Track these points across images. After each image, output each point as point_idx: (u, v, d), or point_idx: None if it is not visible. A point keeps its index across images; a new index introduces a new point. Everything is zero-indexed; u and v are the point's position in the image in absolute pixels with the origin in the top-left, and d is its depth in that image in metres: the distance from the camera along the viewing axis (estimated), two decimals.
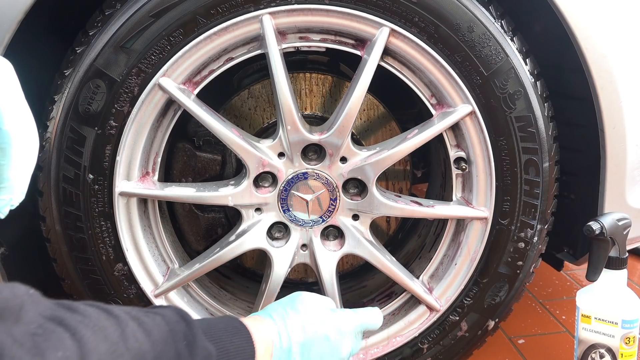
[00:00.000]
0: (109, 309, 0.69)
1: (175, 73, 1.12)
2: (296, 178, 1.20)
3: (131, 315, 0.71)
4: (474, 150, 1.20)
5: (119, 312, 0.70)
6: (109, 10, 1.11)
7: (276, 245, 1.24)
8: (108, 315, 0.67)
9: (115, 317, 0.68)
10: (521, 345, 1.52)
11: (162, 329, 0.74)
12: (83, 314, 0.65)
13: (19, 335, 0.56)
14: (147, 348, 0.69)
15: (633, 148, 1.20)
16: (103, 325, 0.65)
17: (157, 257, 1.24)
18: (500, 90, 1.15)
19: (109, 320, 0.67)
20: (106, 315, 0.67)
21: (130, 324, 0.69)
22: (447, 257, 1.29)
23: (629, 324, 1.19)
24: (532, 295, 1.78)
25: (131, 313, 0.72)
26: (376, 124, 1.45)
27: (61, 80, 1.12)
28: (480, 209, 1.22)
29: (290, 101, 1.14)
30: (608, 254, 1.19)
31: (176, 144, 1.38)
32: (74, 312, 0.64)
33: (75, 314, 0.64)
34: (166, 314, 0.77)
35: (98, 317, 0.66)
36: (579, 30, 1.13)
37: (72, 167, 1.14)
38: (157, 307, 0.80)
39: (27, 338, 0.56)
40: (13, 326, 0.57)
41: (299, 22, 1.12)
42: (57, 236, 1.18)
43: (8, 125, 0.75)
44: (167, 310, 0.79)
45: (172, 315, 0.78)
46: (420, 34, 1.12)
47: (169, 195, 1.20)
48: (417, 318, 1.28)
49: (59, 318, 0.62)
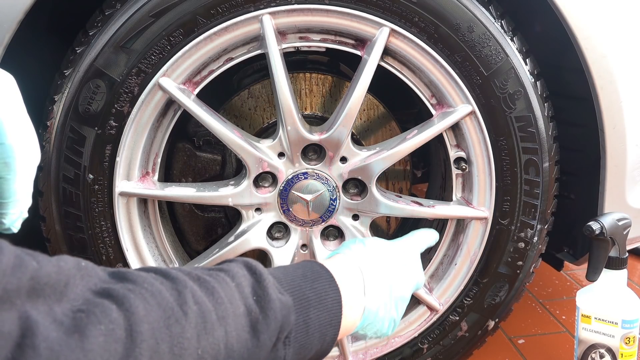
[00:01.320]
0: (167, 272, 0.66)
1: (175, 73, 1.12)
2: (296, 178, 1.20)
3: (192, 275, 0.67)
4: (474, 150, 1.20)
5: (177, 274, 0.66)
6: (109, 10, 1.11)
7: (276, 245, 1.24)
8: (164, 279, 0.64)
9: (173, 280, 0.64)
10: (521, 345, 1.52)
11: (227, 286, 0.69)
12: (135, 281, 0.61)
13: (60, 314, 0.53)
14: (209, 308, 0.65)
15: (633, 148, 1.20)
16: (157, 289, 0.61)
17: (157, 257, 1.24)
18: (500, 90, 1.15)
19: (164, 284, 0.63)
20: (162, 279, 0.64)
21: (190, 285, 0.65)
22: (447, 257, 1.29)
23: (629, 324, 1.19)
24: (532, 295, 1.78)
25: (192, 274, 0.67)
26: (376, 124, 1.45)
27: (61, 80, 1.12)
28: (480, 209, 1.22)
29: (290, 101, 1.14)
30: (608, 254, 1.19)
31: (176, 144, 1.38)
32: (126, 281, 0.61)
33: (126, 282, 0.61)
34: (231, 269, 0.72)
35: (152, 283, 0.62)
36: (579, 30, 1.13)
37: (72, 167, 1.14)
38: (224, 263, 0.75)
39: (67, 316, 0.53)
40: (55, 304, 0.54)
41: (299, 22, 1.12)
42: (57, 236, 1.18)
43: (11, 139, 0.75)
44: (233, 264, 0.74)
45: (239, 270, 0.72)
46: (420, 34, 1.12)
47: (169, 195, 1.20)
48: (417, 318, 1.29)
49: (108, 290, 0.59)
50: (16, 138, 0.76)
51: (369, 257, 0.91)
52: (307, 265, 0.82)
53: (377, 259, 0.92)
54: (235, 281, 0.70)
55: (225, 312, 0.66)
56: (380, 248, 0.95)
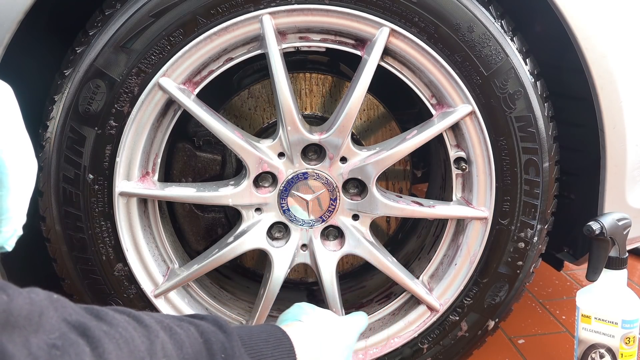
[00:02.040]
0: (140, 317, 0.66)
1: (175, 73, 1.12)
2: (296, 178, 1.20)
3: (163, 325, 0.67)
4: (474, 150, 1.20)
5: (150, 321, 0.66)
6: (109, 10, 1.11)
7: (276, 246, 1.24)
8: (137, 325, 0.64)
9: (145, 327, 0.64)
10: (521, 345, 1.52)
11: (196, 342, 0.70)
12: (110, 322, 0.61)
13: (36, 347, 0.53)
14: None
15: (633, 148, 1.20)
16: (130, 336, 0.61)
17: (157, 257, 1.24)
18: (500, 90, 1.15)
19: (137, 330, 0.63)
20: (135, 324, 0.64)
21: (161, 335, 0.65)
22: (447, 257, 1.29)
23: (629, 324, 1.19)
24: (532, 295, 1.78)
25: (163, 322, 0.68)
26: (376, 124, 1.45)
27: (61, 80, 1.12)
28: (480, 209, 1.22)
29: (290, 101, 1.14)
30: (608, 254, 1.19)
31: (176, 144, 1.38)
32: (101, 321, 0.61)
33: (101, 322, 0.61)
34: (201, 325, 0.73)
35: (126, 327, 0.62)
36: (579, 30, 1.13)
37: (72, 167, 1.14)
38: (194, 317, 0.76)
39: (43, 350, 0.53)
40: (31, 336, 0.53)
41: (299, 22, 1.12)
42: (57, 236, 1.18)
43: (5, 154, 0.71)
44: (203, 320, 0.75)
45: (209, 326, 0.73)
46: (420, 34, 1.12)
47: (169, 195, 1.20)
48: (417, 318, 1.28)
49: (83, 326, 0.58)
50: (10, 153, 0.72)
51: (326, 331, 0.94)
52: (271, 330, 0.84)
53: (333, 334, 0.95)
54: (204, 337, 0.71)
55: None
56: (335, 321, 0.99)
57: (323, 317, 0.99)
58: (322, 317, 0.99)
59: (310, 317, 0.97)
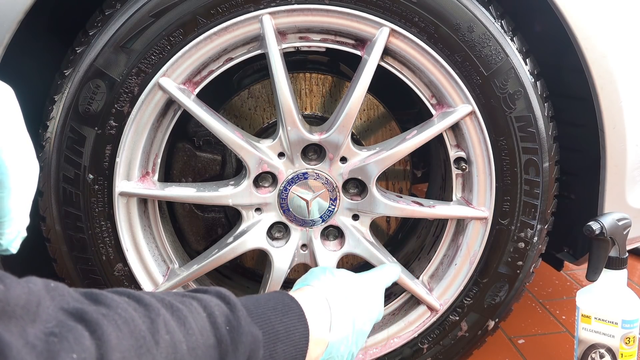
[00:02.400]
0: (140, 296, 0.65)
1: (175, 73, 1.12)
2: (296, 178, 1.20)
3: (164, 302, 0.66)
4: (474, 150, 1.20)
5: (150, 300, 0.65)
6: (109, 10, 1.11)
7: (276, 246, 1.24)
8: (137, 305, 0.63)
9: (146, 307, 0.63)
10: (521, 345, 1.52)
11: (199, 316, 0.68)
12: (109, 305, 0.60)
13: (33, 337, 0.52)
14: (180, 338, 0.64)
15: (633, 148, 1.20)
16: (130, 317, 0.61)
17: (157, 257, 1.24)
18: (500, 90, 1.15)
19: (137, 310, 0.62)
20: (135, 304, 0.63)
21: (162, 313, 0.64)
22: (447, 257, 1.29)
23: (629, 324, 1.19)
24: (532, 295, 1.78)
25: (165, 300, 0.67)
26: (376, 124, 1.45)
27: (61, 80, 1.12)
28: (480, 209, 1.22)
29: (290, 101, 1.14)
30: (608, 254, 1.19)
31: (176, 144, 1.38)
32: (99, 304, 0.60)
33: (99, 305, 0.60)
34: (204, 299, 0.71)
35: (125, 308, 0.61)
36: (579, 30, 1.13)
37: (72, 167, 1.14)
38: (197, 291, 0.74)
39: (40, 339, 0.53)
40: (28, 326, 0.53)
41: (299, 22, 1.12)
42: (57, 236, 1.18)
43: (5, 155, 0.71)
44: (206, 294, 0.73)
45: (212, 299, 0.72)
46: (420, 34, 1.12)
47: (169, 195, 1.20)
48: (417, 318, 1.29)
49: (81, 312, 0.58)
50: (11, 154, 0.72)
51: (337, 291, 0.92)
52: (278, 297, 0.82)
53: (345, 293, 0.93)
54: (207, 311, 0.70)
55: (196, 343, 0.66)
56: (348, 282, 0.96)
57: (337, 279, 0.95)
58: (336, 279, 0.94)
59: (321, 281, 0.93)
